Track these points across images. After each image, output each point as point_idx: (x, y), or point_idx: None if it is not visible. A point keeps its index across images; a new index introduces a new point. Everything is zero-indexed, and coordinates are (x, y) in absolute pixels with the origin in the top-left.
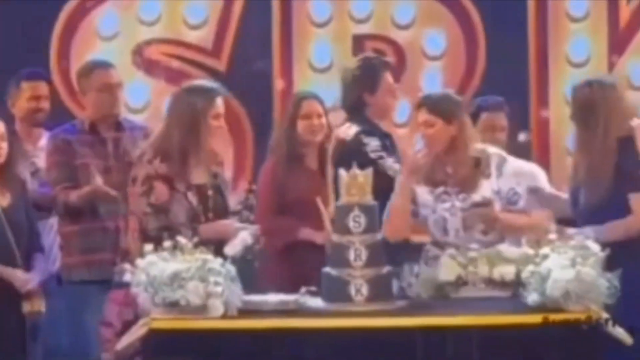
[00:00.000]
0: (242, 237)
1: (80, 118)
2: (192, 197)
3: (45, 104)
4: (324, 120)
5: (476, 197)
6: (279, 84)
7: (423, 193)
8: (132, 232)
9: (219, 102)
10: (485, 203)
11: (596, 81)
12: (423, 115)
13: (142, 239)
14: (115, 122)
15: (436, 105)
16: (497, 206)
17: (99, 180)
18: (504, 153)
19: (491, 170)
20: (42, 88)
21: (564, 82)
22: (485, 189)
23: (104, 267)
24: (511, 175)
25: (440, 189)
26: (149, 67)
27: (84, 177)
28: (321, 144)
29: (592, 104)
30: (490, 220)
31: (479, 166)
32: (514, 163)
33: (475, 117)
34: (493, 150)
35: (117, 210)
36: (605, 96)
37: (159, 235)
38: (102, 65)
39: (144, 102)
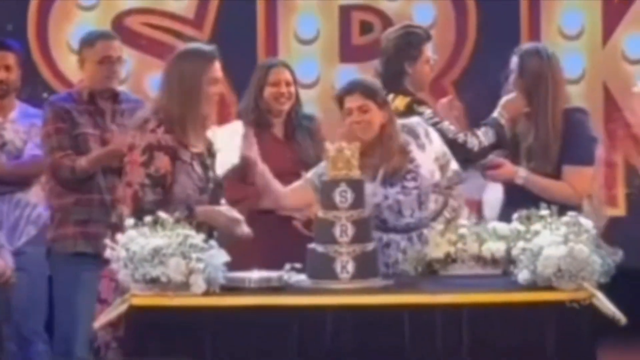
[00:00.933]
0: None
1: (78, 88)
2: (197, 167)
3: (11, 75)
4: (292, 88)
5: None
6: (262, 55)
7: (367, 186)
8: (125, 205)
9: (216, 66)
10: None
11: (544, 49)
12: (357, 101)
13: (135, 212)
14: (113, 94)
15: (370, 91)
16: (437, 175)
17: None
18: (421, 120)
19: (423, 140)
20: (7, 58)
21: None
22: (427, 161)
23: (100, 240)
24: (438, 137)
25: (381, 173)
26: (130, 37)
27: (83, 146)
28: (289, 113)
29: (541, 73)
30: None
31: (405, 152)
32: (428, 126)
33: None
34: (414, 120)
35: (115, 183)
36: (551, 65)
37: (153, 209)
38: (106, 37)
39: (124, 73)
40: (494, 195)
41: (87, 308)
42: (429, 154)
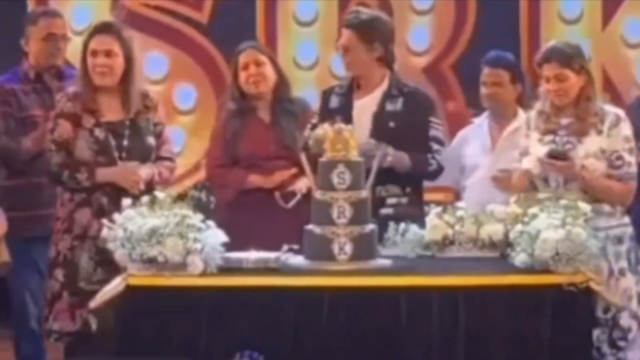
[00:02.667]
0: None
1: (24, 67)
2: (100, 133)
3: None
4: (265, 68)
5: (580, 150)
6: (262, 37)
7: (534, 142)
8: None
9: (97, 39)
10: (563, 156)
11: None
12: (555, 69)
13: (47, 174)
14: (57, 72)
15: (566, 58)
16: (602, 166)
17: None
18: (622, 114)
19: (604, 128)
20: None
21: (556, 38)
22: (592, 143)
23: (47, 223)
24: (621, 139)
25: (549, 137)
26: (128, 18)
27: (30, 127)
28: (275, 96)
29: None
30: (566, 174)
31: (595, 121)
32: (628, 128)
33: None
34: (610, 109)
35: None
36: None
37: (59, 172)
38: (49, 14)
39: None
40: None
41: (36, 287)
42: (600, 142)
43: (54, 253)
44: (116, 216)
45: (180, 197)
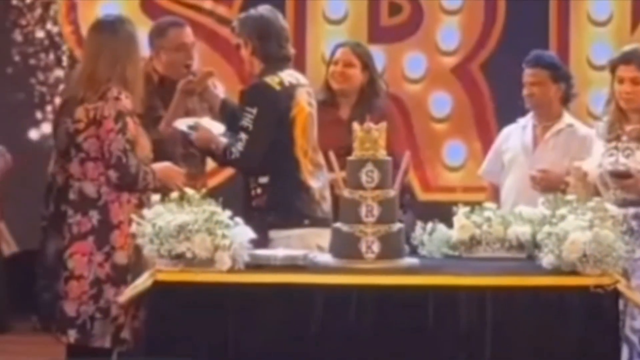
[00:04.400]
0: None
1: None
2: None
3: None
4: (351, 70)
5: (638, 156)
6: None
7: (599, 147)
8: (94, 177)
9: None
10: (624, 175)
11: None
12: (633, 72)
13: (123, 177)
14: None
15: None
16: None
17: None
18: None
19: None
20: None
21: (585, 41)
22: None
23: None
24: None
25: (612, 144)
26: (159, 15)
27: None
28: (359, 97)
29: None
30: (631, 190)
31: None
32: None
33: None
34: None
35: None
36: None
37: (137, 172)
38: (178, 24)
39: None
40: None
41: None
42: None
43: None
44: (145, 212)
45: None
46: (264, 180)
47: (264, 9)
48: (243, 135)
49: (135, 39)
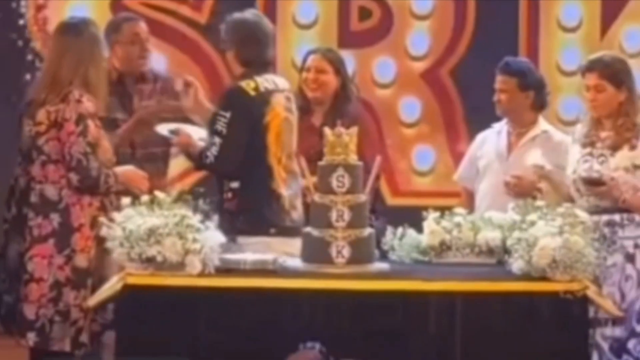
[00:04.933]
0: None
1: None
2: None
3: None
4: (324, 76)
5: (611, 163)
6: None
7: (574, 153)
8: (56, 179)
9: None
10: (596, 182)
11: None
12: (595, 80)
13: (84, 180)
14: (141, 75)
15: (607, 70)
16: (633, 180)
17: None
18: None
19: (638, 143)
20: None
21: (555, 47)
22: (624, 158)
23: None
24: None
25: (587, 150)
26: None
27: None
28: (332, 103)
29: None
30: (606, 198)
31: (630, 136)
32: None
33: None
34: None
35: None
36: None
37: (99, 175)
38: (132, 19)
39: None
40: None
41: None
42: (633, 157)
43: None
44: (115, 215)
45: (180, 197)
46: (235, 185)
47: (250, 14)
48: (217, 139)
49: (100, 42)
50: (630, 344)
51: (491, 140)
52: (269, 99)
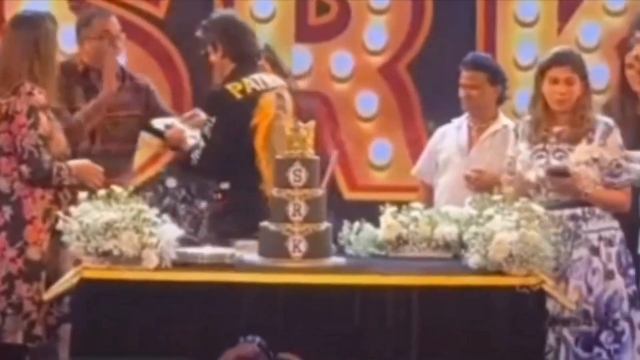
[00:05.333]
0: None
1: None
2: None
3: None
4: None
5: (572, 158)
6: None
7: (524, 149)
8: (8, 172)
9: None
10: (564, 173)
11: None
12: (567, 73)
13: (35, 172)
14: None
15: (577, 63)
16: (593, 174)
17: None
18: (611, 122)
19: (595, 136)
20: None
21: (512, 42)
22: (583, 152)
23: None
24: (616, 146)
25: (539, 146)
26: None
27: None
28: None
29: None
30: (569, 192)
31: (587, 130)
32: (619, 137)
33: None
34: (601, 118)
35: None
36: None
37: (51, 167)
38: (102, 14)
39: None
40: None
41: None
42: (591, 151)
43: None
44: (72, 209)
45: (137, 191)
46: (225, 186)
47: (224, 11)
48: (202, 143)
49: (50, 35)
50: (602, 337)
51: (451, 135)
52: (257, 100)
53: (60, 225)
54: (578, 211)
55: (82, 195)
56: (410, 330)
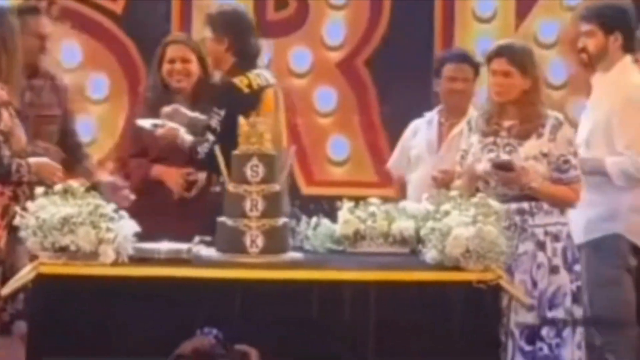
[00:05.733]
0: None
1: None
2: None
3: None
4: (190, 66)
5: (521, 152)
6: (176, 29)
7: (476, 142)
8: None
9: None
10: (508, 166)
11: None
12: (504, 65)
13: None
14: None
15: (516, 56)
16: (542, 168)
17: None
18: (562, 117)
19: (544, 131)
20: None
21: (470, 37)
22: (532, 147)
23: None
24: (565, 142)
25: (490, 139)
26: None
27: None
28: (195, 92)
29: None
30: (514, 185)
31: (536, 125)
32: (570, 131)
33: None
34: (552, 113)
35: None
36: None
37: (10, 164)
38: (35, 11)
39: None
40: None
41: None
42: (540, 146)
43: None
44: (29, 204)
45: (94, 187)
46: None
47: (232, 4)
48: (210, 136)
49: (13, 30)
50: (544, 331)
51: (422, 130)
52: (261, 95)
53: (17, 220)
54: (525, 205)
55: (39, 190)
56: (367, 324)
